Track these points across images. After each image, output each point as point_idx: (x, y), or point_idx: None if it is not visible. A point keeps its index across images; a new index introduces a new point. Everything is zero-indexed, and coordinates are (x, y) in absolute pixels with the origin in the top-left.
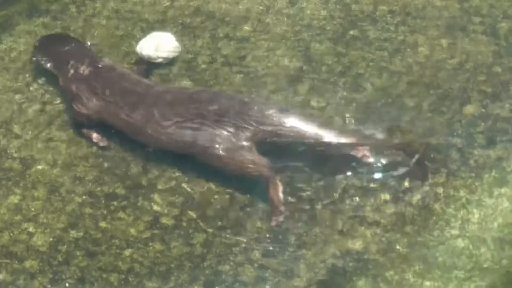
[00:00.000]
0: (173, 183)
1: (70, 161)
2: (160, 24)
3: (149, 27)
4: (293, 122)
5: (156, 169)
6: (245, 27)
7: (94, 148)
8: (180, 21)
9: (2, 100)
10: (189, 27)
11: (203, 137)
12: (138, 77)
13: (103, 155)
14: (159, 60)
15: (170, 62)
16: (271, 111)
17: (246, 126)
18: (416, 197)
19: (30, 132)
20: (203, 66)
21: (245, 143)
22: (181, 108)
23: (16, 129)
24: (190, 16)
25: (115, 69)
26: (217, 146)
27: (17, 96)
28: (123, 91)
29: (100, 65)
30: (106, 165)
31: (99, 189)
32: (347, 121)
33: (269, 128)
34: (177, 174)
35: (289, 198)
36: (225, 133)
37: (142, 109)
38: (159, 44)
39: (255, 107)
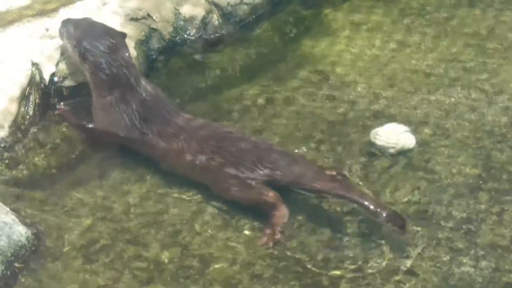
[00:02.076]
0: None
1: (248, 260)
2: (340, 125)
3: (329, 129)
4: (297, 172)
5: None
6: (425, 130)
7: (276, 252)
8: (361, 123)
9: (184, 200)
10: (369, 128)
11: (216, 172)
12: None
13: (278, 255)
14: (391, 150)
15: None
16: (282, 160)
17: (255, 168)
18: None
19: (209, 231)
20: (380, 169)
21: (252, 182)
22: (205, 144)
23: (196, 227)
24: (370, 119)
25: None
26: (226, 181)
27: (195, 195)
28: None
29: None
30: (281, 264)
31: (274, 287)
32: None
33: (279, 175)
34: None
35: None
36: (236, 172)
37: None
38: (398, 135)
39: (269, 155)
